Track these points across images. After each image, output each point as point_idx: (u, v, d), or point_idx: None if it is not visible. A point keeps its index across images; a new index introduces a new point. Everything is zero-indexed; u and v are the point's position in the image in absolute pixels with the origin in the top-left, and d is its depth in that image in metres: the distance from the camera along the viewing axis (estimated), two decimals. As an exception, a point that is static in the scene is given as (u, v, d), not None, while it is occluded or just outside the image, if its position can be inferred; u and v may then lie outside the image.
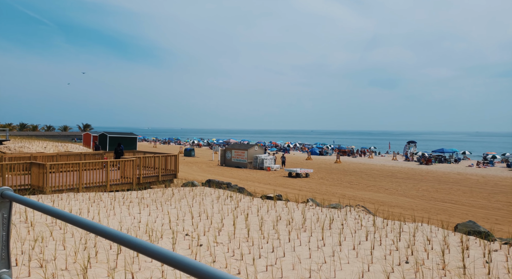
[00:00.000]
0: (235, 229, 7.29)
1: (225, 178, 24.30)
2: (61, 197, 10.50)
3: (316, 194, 18.29)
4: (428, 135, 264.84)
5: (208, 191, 12.45)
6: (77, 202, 9.96)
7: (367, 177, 27.72)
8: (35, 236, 6.28)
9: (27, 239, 6.11)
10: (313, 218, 8.42)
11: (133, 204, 10.19)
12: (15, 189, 11.74)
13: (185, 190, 12.55)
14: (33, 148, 33.18)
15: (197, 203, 10.25)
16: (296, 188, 20.01)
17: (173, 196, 11.30)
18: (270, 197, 11.92)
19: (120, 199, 10.82)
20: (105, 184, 13.15)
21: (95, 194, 11.23)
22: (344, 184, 22.67)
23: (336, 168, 34.98)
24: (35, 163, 11.99)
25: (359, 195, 18.38)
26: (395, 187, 21.96)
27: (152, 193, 11.81)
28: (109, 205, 9.92)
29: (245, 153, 32.43)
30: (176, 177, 16.35)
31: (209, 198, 11.08)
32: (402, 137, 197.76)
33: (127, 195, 11.48)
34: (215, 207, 9.75)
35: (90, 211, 8.70)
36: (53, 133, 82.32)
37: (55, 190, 11.84)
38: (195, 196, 11.28)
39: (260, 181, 23.30)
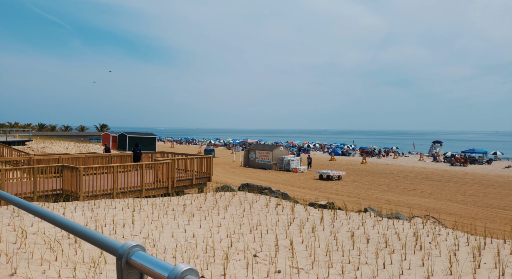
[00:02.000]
0: (311, 249, 6.21)
1: (254, 181, 23.26)
2: (98, 204, 9.61)
3: (357, 199, 17.05)
4: (445, 135, 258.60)
5: (251, 197, 11.41)
6: (115, 210, 9.05)
7: (402, 179, 26.27)
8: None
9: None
10: (391, 234, 7.26)
11: (176, 213, 9.22)
12: (47, 194, 10.94)
13: (226, 196, 11.54)
14: (55, 148, 32.86)
15: (246, 211, 9.22)
16: (333, 192, 18.80)
17: (217, 203, 10.30)
18: (323, 205, 10.80)
19: (161, 206, 9.87)
20: (140, 188, 12.25)
21: (133, 200, 10.31)
22: (382, 188, 21.33)
23: (365, 169, 33.56)
24: (68, 166, 11.17)
25: (404, 200, 17.05)
26: (437, 190, 20.51)
27: (193, 199, 10.84)
28: (151, 213, 8.98)
29: (270, 153, 31.33)
30: (210, 180, 15.39)
31: (257, 206, 10.03)
32: (418, 137, 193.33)
33: (167, 201, 10.53)
34: (269, 217, 8.69)
35: (136, 223, 7.74)
36: (71, 133, 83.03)
37: (89, 196, 10.99)
38: (241, 203, 10.24)
39: (292, 184, 22.16)
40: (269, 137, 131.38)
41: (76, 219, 7.77)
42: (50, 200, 10.88)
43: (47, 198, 10.91)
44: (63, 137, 60.52)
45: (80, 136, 72.31)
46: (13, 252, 5.27)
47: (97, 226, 7.32)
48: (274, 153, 31.17)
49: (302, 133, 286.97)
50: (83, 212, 8.49)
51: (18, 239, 5.86)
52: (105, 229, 7.14)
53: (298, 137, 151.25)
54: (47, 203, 9.27)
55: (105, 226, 7.46)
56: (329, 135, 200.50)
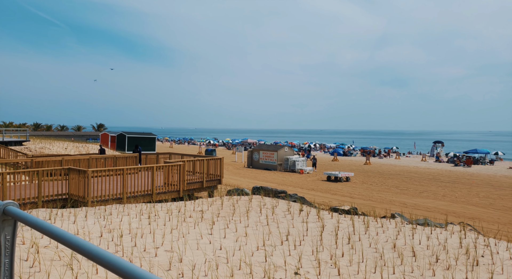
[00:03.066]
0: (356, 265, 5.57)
1: (261, 182, 22.64)
2: (109, 210, 8.93)
3: (371, 202, 16.48)
4: (440, 135, 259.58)
5: (269, 201, 10.77)
6: (129, 218, 8.39)
7: (410, 180, 25.78)
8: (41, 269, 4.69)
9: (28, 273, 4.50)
10: (434, 245, 6.65)
11: (194, 220, 8.57)
12: (52, 199, 10.24)
13: (242, 200, 10.90)
14: (54, 148, 32.00)
15: (269, 218, 8.58)
16: (346, 195, 18.22)
17: (235, 209, 9.66)
18: (346, 210, 10.20)
19: (176, 212, 9.21)
20: (151, 192, 11.58)
21: (146, 206, 9.64)
22: (392, 189, 20.79)
23: (370, 170, 33.05)
24: (74, 169, 10.48)
25: (420, 203, 16.50)
26: (449, 192, 20.01)
27: (209, 204, 10.19)
28: (167, 221, 8.32)
29: (274, 154, 30.72)
30: (221, 183, 14.75)
31: (279, 212, 9.40)
32: (415, 137, 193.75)
33: (181, 207, 9.88)
34: (296, 225, 8.05)
35: (157, 234, 7.08)
36: (67, 133, 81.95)
37: (97, 201, 10.31)
38: (261, 209, 9.61)
39: (301, 185, 21.56)
40: (267, 137, 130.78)
41: (90, 229, 7.11)
42: (57, 205, 10.18)
43: (52, 204, 10.21)
44: (59, 137, 59.55)
45: (76, 136, 71.28)
46: (27, 272, 4.61)
47: (113, 237, 6.66)
48: (279, 154, 30.56)
49: (299, 133, 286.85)
50: (96, 220, 7.82)
51: (30, 255, 5.19)
52: (124, 241, 6.48)
53: (295, 137, 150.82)
54: (55, 210, 8.59)
55: (121, 236, 6.81)
56: (326, 135, 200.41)
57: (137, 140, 46.98)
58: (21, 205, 9.69)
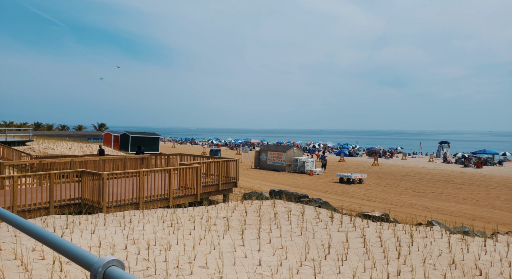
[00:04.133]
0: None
1: (273, 184, 22.00)
2: (129, 217, 8.29)
3: (392, 205, 15.84)
4: (441, 135, 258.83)
5: (294, 207, 10.12)
6: (150, 225, 7.75)
7: (423, 182, 25.15)
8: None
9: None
10: (495, 261, 6.01)
11: (220, 228, 7.93)
12: (64, 204, 9.59)
13: (265, 206, 10.26)
14: (57, 149, 31.33)
15: (303, 228, 7.93)
16: (363, 198, 17.58)
17: (260, 216, 9.02)
18: (378, 217, 9.56)
19: (199, 219, 8.58)
20: (168, 196, 10.93)
21: (166, 212, 9.01)
22: (409, 192, 20.16)
23: (379, 171, 32.42)
24: (88, 172, 9.84)
25: (442, 206, 15.87)
26: (468, 195, 19.38)
27: (231, 210, 9.55)
28: (192, 229, 7.69)
29: (283, 154, 30.07)
30: (237, 186, 14.11)
31: (309, 219, 8.75)
32: (415, 137, 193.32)
33: (203, 212, 9.24)
34: (334, 235, 7.39)
35: (181, 243, 6.45)
36: (68, 133, 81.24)
37: (113, 206, 9.66)
38: (289, 216, 8.97)
39: (314, 188, 20.91)
40: (268, 137, 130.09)
41: (112, 240, 6.47)
42: (70, 211, 9.53)
43: (65, 209, 9.57)
44: (61, 137, 58.89)
45: (78, 136, 70.60)
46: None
47: (140, 249, 6.02)
48: (288, 154, 29.92)
49: (299, 133, 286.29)
50: (117, 229, 7.18)
51: (55, 274, 4.55)
52: (151, 254, 5.84)
53: (296, 137, 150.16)
54: (71, 217, 7.94)
55: (146, 249, 6.18)
56: (326, 135, 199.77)
57: (141, 139, 46.33)
58: (33, 211, 9.05)
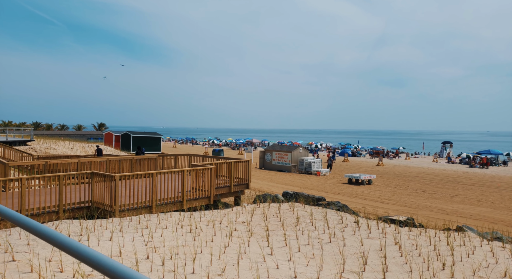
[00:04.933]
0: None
1: (279, 185, 21.57)
2: (144, 222, 7.84)
3: (407, 208, 15.43)
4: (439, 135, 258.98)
5: (315, 211, 9.66)
6: (169, 232, 7.30)
7: (432, 183, 24.76)
8: None
9: None
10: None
11: (242, 234, 7.48)
12: (74, 208, 9.13)
13: (284, 209, 9.81)
14: (59, 148, 30.82)
15: (328, 234, 7.49)
16: (376, 200, 17.16)
17: (281, 220, 8.58)
18: (403, 221, 9.13)
19: (217, 224, 8.13)
20: (181, 199, 10.48)
21: (182, 216, 8.56)
22: (420, 193, 19.75)
23: (385, 171, 32.02)
24: (99, 174, 9.38)
25: (459, 209, 15.46)
26: (481, 197, 18.99)
27: (250, 214, 9.11)
28: (212, 235, 7.25)
29: (288, 155, 29.64)
30: (249, 187, 13.66)
31: (333, 225, 8.31)
32: (414, 137, 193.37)
33: (221, 216, 8.80)
34: (366, 242, 6.92)
35: (205, 252, 6.00)
36: (68, 132, 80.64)
37: (125, 210, 9.21)
38: (312, 221, 8.52)
39: (323, 189, 20.47)
40: (268, 137, 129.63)
41: (131, 248, 6.02)
42: (80, 214, 9.07)
43: (74, 213, 9.11)
44: (61, 136, 58.30)
45: (77, 136, 70.00)
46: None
47: (164, 259, 5.58)
48: (293, 155, 29.49)
49: (298, 133, 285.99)
50: (134, 236, 6.73)
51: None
52: (177, 265, 5.39)
53: (295, 137, 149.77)
54: (84, 222, 7.49)
55: (170, 258, 5.73)
56: (325, 135, 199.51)
57: (142, 139, 45.82)
58: (41, 214, 8.59)
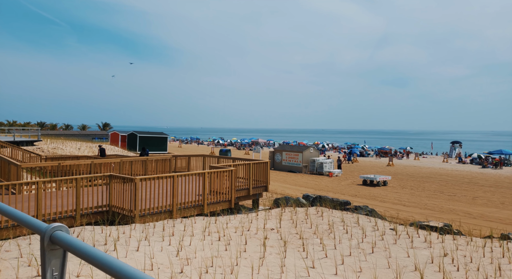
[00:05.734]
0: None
1: (293, 186, 21.04)
2: (168, 229, 7.34)
3: (431, 211, 14.86)
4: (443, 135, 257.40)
5: (346, 217, 9.09)
6: (194, 239, 6.80)
7: (448, 184, 24.15)
8: None
9: None
10: None
11: (274, 243, 6.95)
12: (91, 212, 8.65)
13: (311, 214, 9.27)
14: (67, 149, 30.42)
15: (371, 243, 6.92)
16: (396, 202, 16.59)
17: (312, 227, 8.05)
18: (441, 228, 8.58)
19: (245, 231, 7.62)
20: (202, 203, 9.98)
21: (207, 222, 8.05)
22: (439, 195, 19.16)
23: (397, 172, 31.41)
24: (118, 177, 8.90)
25: (485, 212, 14.87)
26: (503, 199, 18.38)
27: (277, 220, 8.59)
28: (242, 243, 6.73)
29: (299, 155, 29.10)
30: (267, 190, 13.14)
31: (369, 231, 7.78)
32: (418, 136, 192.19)
33: (247, 222, 8.28)
34: (412, 253, 6.39)
35: (247, 267, 5.49)
36: (72, 132, 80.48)
37: (146, 214, 8.72)
38: (346, 228, 7.98)
39: (339, 191, 19.91)
40: (272, 136, 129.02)
41: (162, 260, 5.52)
42: (100, 221, 8.59)
43: (91, 218, 8.63)
44: (67, 136, 58.06)
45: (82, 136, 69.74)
46: None
47: (200, 273, 5.08)
48: (304, 155, 28.95)
49: (301, 132, 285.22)
50: (162, 245, 6.23)
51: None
52: None
53: (301, 137, 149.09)
54: (105, 229, 7.00)
55: (206, 272, 5.23)
56: (328, 135, 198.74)
57: (149, 139, 45.41)
58: (58, 220, 8.10)
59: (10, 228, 7.30)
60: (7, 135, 33.51)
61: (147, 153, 21.05)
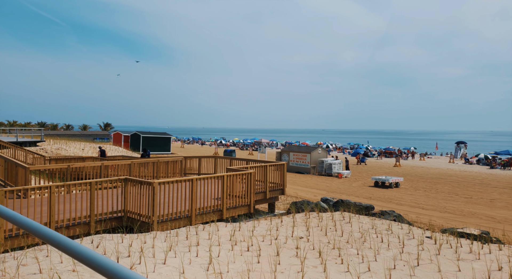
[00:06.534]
0: None
1: (302, 188, 20.53)
2: (194, 238, 6.82)
3: (452, 215, 14.35)
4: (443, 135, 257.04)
5: (377, 224, 8.56)
6: (224, 250, 6.28)
7: (460, 185, 23.66)
8: None
9: None
10: None
11: (309, 254, 6.43)
12: (106, 218, 8.13)
13: (338, 221, 8.76)
14: (70, 149, 29.88)
15: (413, 254, 6.40)
16: (414, 205, 16.08)
17: (343, 236, 7.53)
18: (478, 236, 8.07)
19: (273, 240, 7.10)
20: (221, 208, 9.47)
21: (232, 230, 7.54)
22: (454, 197, 18.65)
23: (405, 173, 30.90)
24: (134, 180, 8.39)
25: (510, 216, 14.36)
26: (521, 201, 17.86)
27: (305, 227, 8.07)
28: (273, 254, 6.21)
29: (307, 156, 28.59)
30: (284, 193, 12.64)
31: (405, 240, 7.28)
32: (418, 136, 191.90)
33: (274, 230, 7.77)
34: (464, 268, 5.84)
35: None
36: (73, 132, 79.92)
37: (164, 220, 8.21)
38: (379, 236, 7.47)
39: (353, 193, 19.40)
40: (273, 137, 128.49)
41: (193, 275, 5.01)
42: (118, 227, 8.08)
43: (107, 223, 8.11)
44: (69, 136, 57.53)
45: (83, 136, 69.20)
46: None
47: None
48: (312, 156, 28.44)
49: (302, 132, 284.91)
50: (190, 257, 5.71)
51: None
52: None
53: (303, 137, 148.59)
54: (125, 238, 6.48)
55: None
56: (329, 135, 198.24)
57: (152, 139, 44.90)
58: (72, 226, 7.59)
59: (21, 236, 6.79)
60: (9, 135, 32.97)
61: (148, 154, 20.50)
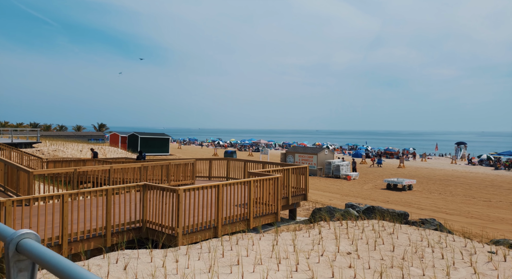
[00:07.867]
0: None
1: (314, 191, 19.74)
2: (229, 253, 5.96)
3: (478, 220, 13.66)
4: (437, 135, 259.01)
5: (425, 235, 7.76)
6: (271, 272, 5.44)
7: (472, 187, 23.10)
8: None
9: None
10: None
11: (363, 273, 5.64)
12: (123, 229, 7.23)
13: (379, 231, 7.96)
14: (68, 151, 28.72)
15: (487, 275, 5.64)
16: (435, 210, 15.37)
17: (395, 250, 6.72)
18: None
19: (320, 257, 6.27)
20: (247, 216, 8.62)
21: (270, 244, 6.68)
22: (472, 201, 18.02)
23: (411, 174, 30.32)
24: (154, 187, 7.51)
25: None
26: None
27: (349, 240, 7.25)
28: (327, 275, 5.39)
29: (313, 157, 27.83)
30: (306, 199, 11.84)
31: (466, 255, 6.50)
32: (412, 137, 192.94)
33: (317, 244, 6.93)
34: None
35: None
36: (67, 133, 78.29)
37: (189, 232, 7.33)
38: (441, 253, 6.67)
39: (366, 196, 18.64)
40: (270, 137, 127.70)
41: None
42: (136, 240, 7.18)
43: (122, 235, 7.22)
44: (64, 137, 56.11)
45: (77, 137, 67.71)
46: None
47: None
48: (319, 157, 27.69)
49: (296, 133, 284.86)
50: (213, 273, 4.86)
51: None
52: None
53: (300, 137, 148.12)
54: (154, 255, 5.59)
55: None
56: (323, 136, 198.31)
57: (150, 140, 43.80)
58: (86, 240, 6.69)
59: None
60: (3, 136, 31.69)
61: (144, 156, 19.50)
